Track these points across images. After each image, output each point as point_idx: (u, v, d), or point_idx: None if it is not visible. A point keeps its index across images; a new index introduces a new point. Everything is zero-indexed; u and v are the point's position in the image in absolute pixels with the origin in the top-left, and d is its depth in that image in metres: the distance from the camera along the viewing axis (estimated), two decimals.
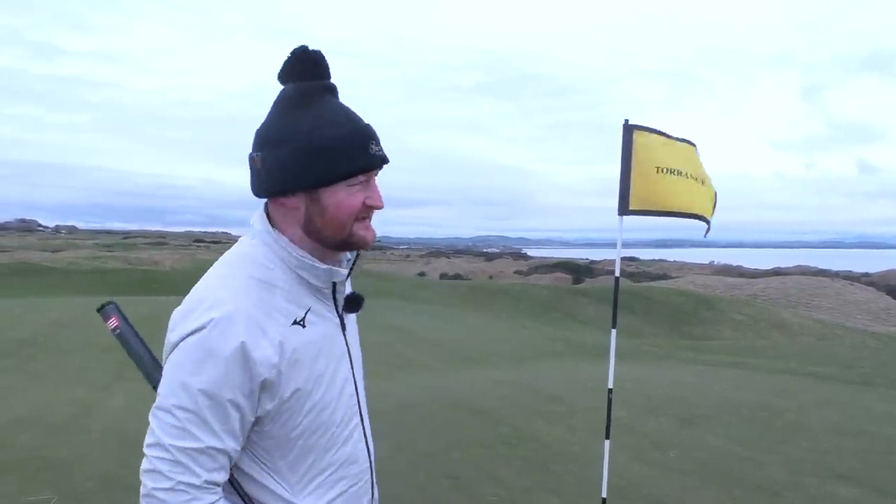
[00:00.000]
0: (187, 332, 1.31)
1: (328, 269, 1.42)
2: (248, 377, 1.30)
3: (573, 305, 27.15)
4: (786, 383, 10.00)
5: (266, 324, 1.34)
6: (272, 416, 1.37)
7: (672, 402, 8.48)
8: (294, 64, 1.42)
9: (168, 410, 1.29)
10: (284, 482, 1.42)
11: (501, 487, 5.38)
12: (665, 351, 16.66)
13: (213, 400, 1.29)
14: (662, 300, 28.74)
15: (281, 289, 1.39)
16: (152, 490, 1.28)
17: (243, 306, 1.32)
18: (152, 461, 1.29)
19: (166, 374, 1.32)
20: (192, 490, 1.28)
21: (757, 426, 7.27)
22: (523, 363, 13.24)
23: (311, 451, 1.43)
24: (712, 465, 5.99)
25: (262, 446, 1.40)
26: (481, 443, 6.60)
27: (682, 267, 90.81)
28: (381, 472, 5.79)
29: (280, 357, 1.34)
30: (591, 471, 5.77)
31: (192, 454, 1.28)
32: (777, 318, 26.83)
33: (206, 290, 1.37)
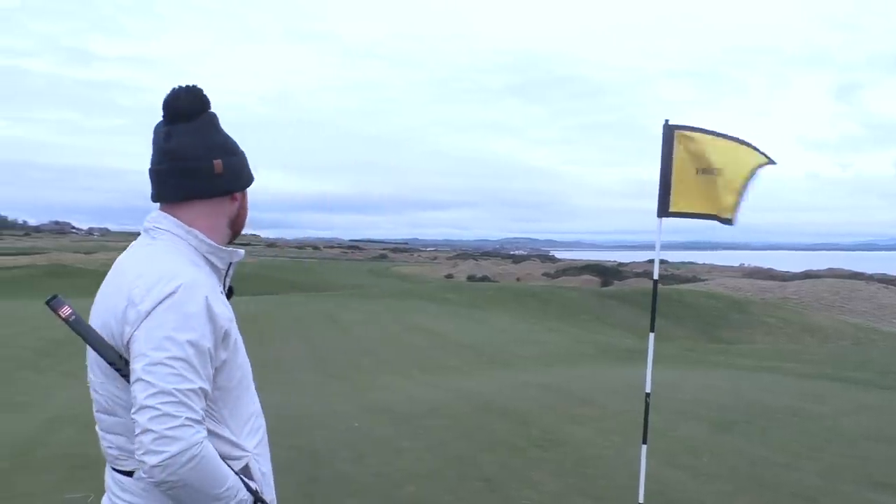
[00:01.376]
0: (161, 297, 1.55)
1: (230, 251, 1.78)
2: (213, 329, 1.59)
3: (602, 308, 26.96)
4: (820, 388, 9.85)
5: (214, 288, 1.67)
6: (222, 366, 1.64)
7: (704, 406, 8.40)
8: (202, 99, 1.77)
9: (162, 363, 1.50)
10: (228, 428, 1.67)
11: (534, 491, 5.36)
12: (696, 354, 16.51)
13: (196, 348, 1.54)
14: (692, 303, 28.42)
15: (203, 269, 1.70)
16: (164, 431, 1.46)
17: (196, 274, 1.64)
18: (159, 407, 1.47)
19: (150, 336, 1.53)
20: (194, 424, 1.50)
21: (791, 431, 7.17)
22: (552, 366, 13.21)
23: (241, 400, 1.72)
24: (746, 470, 5.92)
25: (212, 398, 1.62)
26: (513, 446, 6.59)
27: (712, 269, 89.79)
28: (411, 474, 5.85)
29: (229, 312, 1.68)
30: (624, 475, 5.74)
31: (190, 394, 1.51)
32: (810, 321, 26.41)
33: (160, 268, 1.61)
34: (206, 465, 1.52)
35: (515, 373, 11.89)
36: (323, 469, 5.77)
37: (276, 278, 55.19)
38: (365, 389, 10.23)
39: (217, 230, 1.78)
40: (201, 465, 1.50)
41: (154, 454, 1.46)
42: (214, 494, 1.55)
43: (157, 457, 1.46)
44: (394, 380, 11.24)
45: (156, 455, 1.46)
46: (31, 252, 68.98)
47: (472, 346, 15.66)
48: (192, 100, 1.75)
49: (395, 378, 11.47)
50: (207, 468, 1.52)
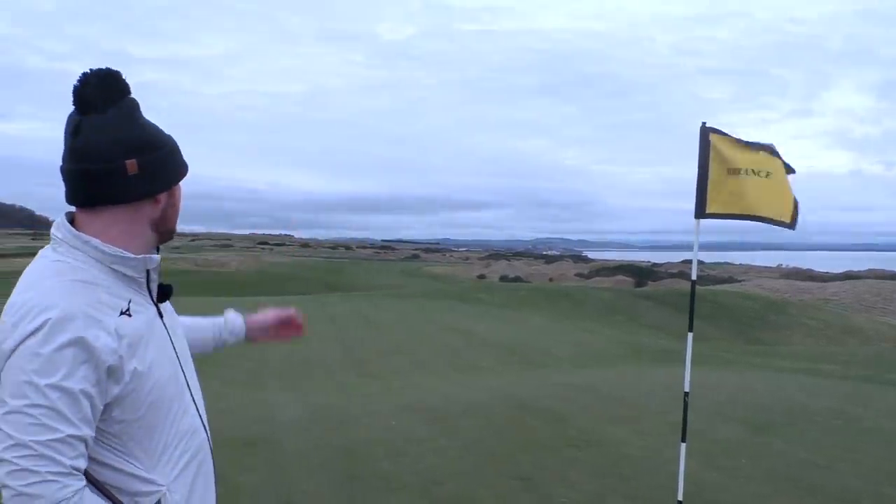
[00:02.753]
0: (24, 335, 1.37)
1: (142, 258, 1.55)
2: (93, 367, 1.38)
3: (636, 309, 26.78)
4: (862, 390, 9.71)
5: (98, 316, 1.43)
6: (118, 400, 1.45)
7: (743, 407, 8.34)
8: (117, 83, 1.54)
9: (20, 412, 1.34)
10: (137, 461, 1.50)
11: (572, 490, 5.40)
12: (733, 356, 16.34)
13: (62, 392, 1.35)
14: (729, 304, 28.10)
15: (101, 286, 1.48)
16: (23, 488, 1.32)
17: (75, 303, 1.41)
18: (16, 462, 1.32)
19: (10, 380, 1.36)
20: (60, 478, 1.34)
21: (832, 434, 7.10)
22: (586, 366, 13.18)
23: (155, 428, 1.52)
24: (785, 472, 5.89)
25: (111, 432, 1.47)
26: (549, 445, 6.62)
27: (749, 270, 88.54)
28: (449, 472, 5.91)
29: (118, 343, 1.43)
30: (661, 475, 5.75)
31: (54, 445, 1.34)
32: (850, 323, 25.94)
33: (32, 298, 1.42)
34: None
35: (550, 373, 11.90)
36: (362, 467, 5.87)
37: (309, 278, 55.71)
38: (400, 388, 10.33)
39: (135, 236, 1.57)
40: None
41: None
42: None
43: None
44: (428, 379, 11.32)
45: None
46: None
47: (506, 346, 15.68)
48: (104, 87, 1.52)
49: (429, 377, 11.56)
50: None
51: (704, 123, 3.58)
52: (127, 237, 1.55)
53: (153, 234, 1.62)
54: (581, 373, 11.90)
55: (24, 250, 69.91)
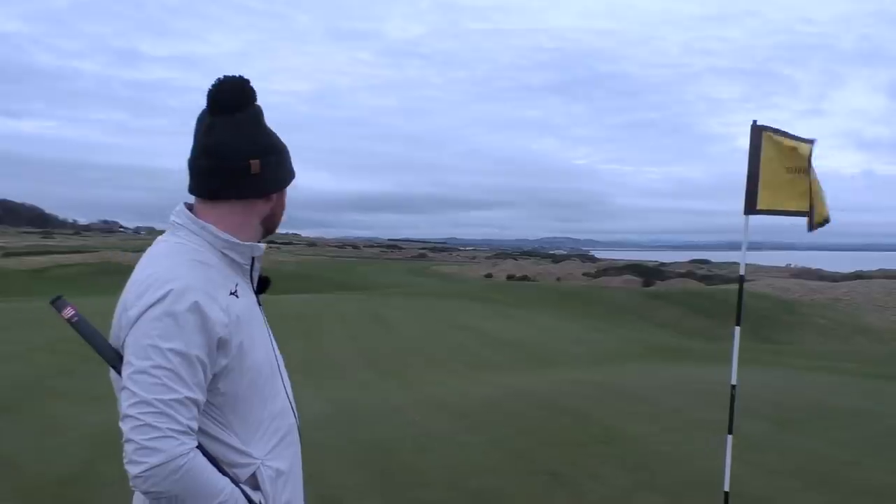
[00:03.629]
0: (149, 304, 1.51)
1: (250, 245, 1.69)
2: (206, 336, 1.52)
3: (646, 308, 26.79)
4: (881, 388, 9.72)
5: (212, 292, 1.57)
6: (224, 372, 1.57)
7: (765, 404, 8.34)
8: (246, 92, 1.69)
9: (145, 372, 1.47)
10: (235, 434, 1.61)
11: (602, 485, 5.43)
12: (748, 354, 16.26)
13: (182, 357, 1.48)
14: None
15: (214, 267, 1.63)
16: (144, 442, 1.43)
17: (193, 278, 1.56)
18: (140, 417, 1.44)
19: (136, 344, 1.50)
20: (178, 435, 1.45)
21: (855, 430, 7.11)
22: (602, 365, 13.20)
23: (253, 404, 1.65)
24: (812, 468, 5.90)
25: (215, 404, 1.58)
26: (574, 441, 6.65)
27: (758, 269, 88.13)
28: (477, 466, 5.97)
29: (228, 318, 1.57)
30: (689, 470, 5.79)
31: (174, 405, 1.46)
32: (863, 322, 25.90)
33: (154, 271, 1.57)
34: (194, 477, 1.48)
35: (565, 371, 11.93)
36: (391, 462, 5.91)
37: (317, 277, 55.86)
38: (418, 386, 10.37)
39: (246, 228, 1.71)
40: (187, 478, 1.47)
41: (135, 464, 1.44)
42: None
43: (138, 467, 1.44)
44: (444, 377, 11.37)
45: (137, 465, 1.44)
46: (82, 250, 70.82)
47: (520, 344, 15.72)
48: (235, 92, 1.67)
49: (445, 375, 11.60)
50: (195, 481, 1.48)
51: (755, 121, 3.63)
52: (238, 229, 1.70)
53: (261, 227, 1.78)
54: (597, 371, 11.93)
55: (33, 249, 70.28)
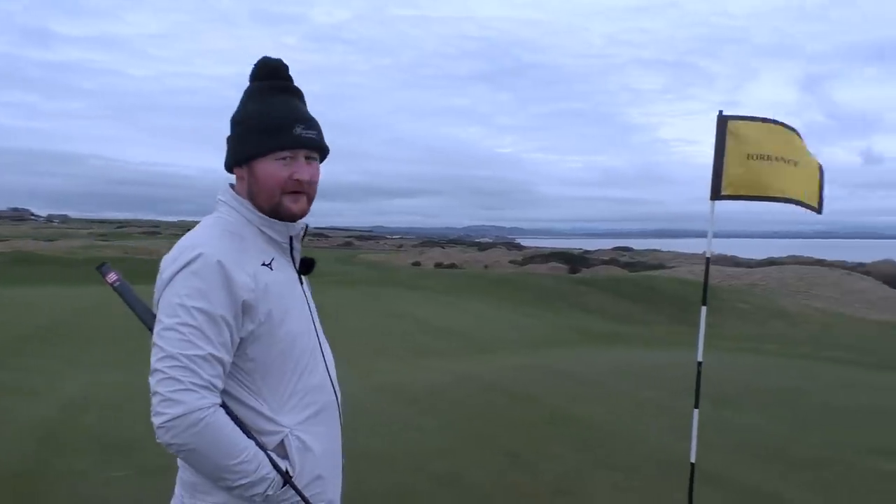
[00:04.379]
0: (179, 267, 1.60)
1: (286, 224, 1.74)
2: (231, 298, 1.59)
3: (575, 294, 27.35)
4: (805, 367, 10.27)
5: (241, 260, 1.64)
6: (253, 338, 1.63)
7: (702, 384, 8.69)
8: (259, 69, 1.78)
9: (172, 328, 1.55)
10: (265, 402, 1.66)
11: (559, 464, 5.59)
12: (676, 337, 16.91)
13: (207, 316, 1.56)
14: (665, 289, 28.99)
15: (248, 240, 1.70)
16: (169, 394, 1.52)
17: (222, 246, 1.64)
18: (165, 371, 1.53)
19: (166, 302, 1.59)
20: (200, 389, 1.54)
21: (787, 407, 7.52)
22: (539, 349, 13.46)
23: (286, 374, 1.69)
24: (753, 442, 6.22)
25: (245, 369, 1.65)
26: (526, 423, 6.81)
27: (677, 256, 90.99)
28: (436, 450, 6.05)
29: (255, 284, 1.63)
30: (642, 448, 6.01)
31: (197, 360, 1.54)
32: (778, 306, 27.16)
33: (189, 239, 1.68)
34: (214, 432, 1.53)
35: (505, 356, 12.11)
36: (352, 448, 5.90)
37: None
38: (366, 372, 10.35)
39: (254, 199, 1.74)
40: (207, 432, 1.52)
41: (158, 415, 1.52)
42: (226, 465, 1.55)
43: (160, 418, 1.52)
44: (391, 364, 11.38)
45: (159, 416, 1.52)
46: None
47: (458, 331, 15.85)
48: (253, 73, 1.79)
49: (391, 361, 11.61)
50: (215, 436, 1.53)
51: (721, 112, 3.81)
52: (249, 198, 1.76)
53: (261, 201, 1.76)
54: (535, 355, 12.16)
55: None
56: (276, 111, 1.73)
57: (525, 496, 4.97)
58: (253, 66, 1.79)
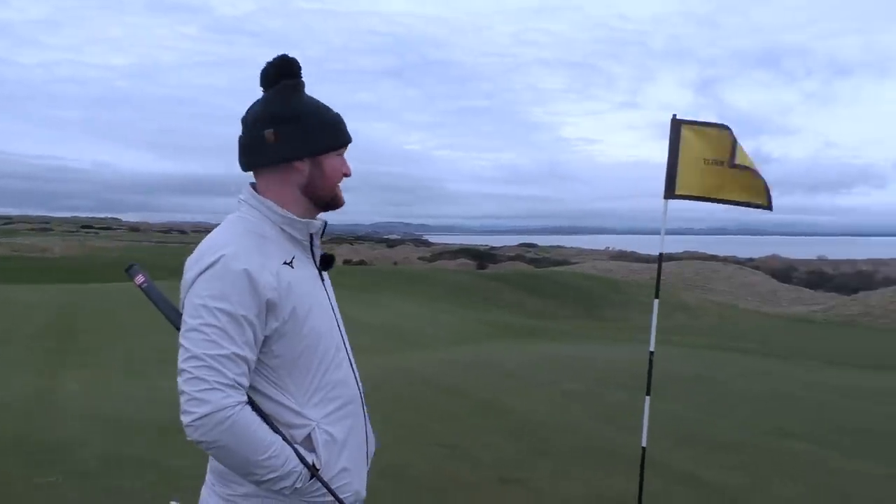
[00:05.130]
0: (202, 269, 1.62)
1: (306, 222, 1.77)
2: (255, 298, 1.62)
3: (489, 290, 27.88)
4: (714, 357, 10.92)
5: (264, 259, 1.67)
6: (278, 335, 1.67)
7: (619, 374, 9.14)
8: (282, 67, 1.78)
9: (196, 329, 1.59)
10: (291, 396, 1.70)
11: (497, 454, 5.79)
12: (586, 331, 17.56)
13: (230, 316, 1.59)
14: (572, 284, 29.97)
15: (270, 239, 1.72)
16: (195, 393, 1.56)
17: (245, 246, 1.66)
18: (191, 371, 1.57)
19: (190, 303, 1.62)
20: (225, 388, 1.57)
21: (702, 394, 8.01)
22: (461, 344, 13.70)
23: (311, 369, 1.72)
24: (675, 428, 6.61)
25: (271, 366, 1.69)
26: (460, 416, 6.99)
27: (580, 252, 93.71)
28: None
29: (278, 283, 1.66)
30: (571, 436, 6.30)
31: (221, 359, 1.57)
32: (680, 300, 28.50)
33: (212, 240, 1.69)
34: (242, 429, 1.57)
35: (430, 351, 12.29)
36: None
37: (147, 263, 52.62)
38: None
39: (287, 199, 1.77)
40: (234, 429, 1.56)
41: (186, 414, 1.57)
42: (255, 461, 1.60)
43: (189, 417, 1.56)
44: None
45: (188, 415, 1.56)
46: None
47: (380, 327, 15.90)
48: (272, 69, 1.77)
49: None
50: (243, 433, 1.58)
51: (675, 115, 4.07)
52: (283, 201, 1.77)
53: (306, 199, 1.81)
54: (459, 350, 12.39)
55: None
56: (328, 108, 1.83)
57: (468, 486, 5.13)
58: (282, 63, 1.78)
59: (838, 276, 51.27)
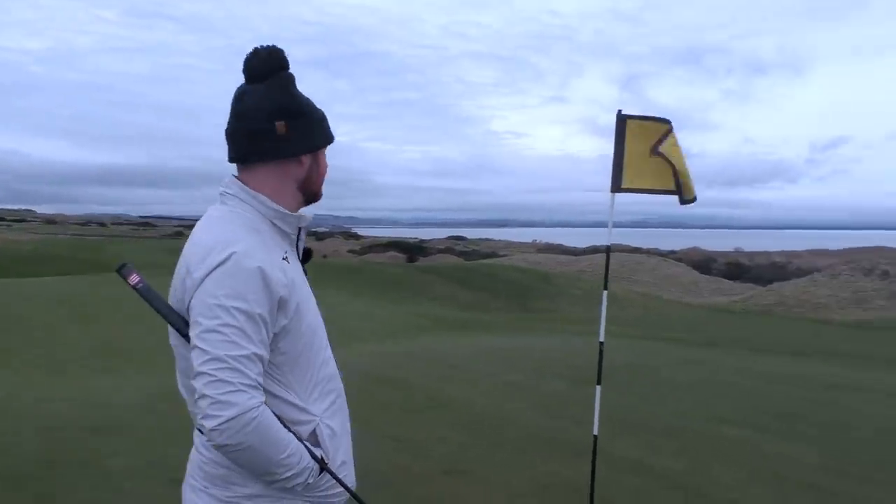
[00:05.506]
0: (213, 266, 1.57)
1: (297, 216, 1.77)
2: (268, 295, 1.59)
3: (422, 283, 27.91)
4: (647, 346, 11.21)
5: (269, 256, 1.65)
6: (284, 332, 1.65)
7: (557, 365, 9.29)
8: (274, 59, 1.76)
9: (214, 330, 1.54)
10: (295, 393, 1.70)
11: (444, 445, 5.80)
12: (520, 323, 17.77)
13: (247, 315, 1.55)
14: (504, 276, 30.28)
15: (267, 235, 1.71)
16: (219, 396, 1.51)
17: (252, 242, 1.64)
18: (213, 373, 1.52)
19: (202, 304, 1.56)
20: (249, 389, 1.53)
21: (640, 383, 8.21)
22: (398, 337, 13.68)
23: (310, 365, 1.73)
24: (616, 417, 6.73)
25: (276, 363, 1.66)
26: (405, 408, 6.97)
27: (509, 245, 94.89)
28: None
29: (286, 279, 1.65)
30: (515, 427, 6.37)
31: (243, 360, 1.53)
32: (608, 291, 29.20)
33: (216, 236, 1.64)
34: (265, 429, 1.55)
35: (370, 344, 12.22)
36: None
37: (64, 258, 50.59)
38: None
39: (284, 193, 1.76)
40: (259, 430, 1.54)
41: (211, 418, 1.51)
42: (276, 460, 1.59)
43: (214, 421, 1.51)
44: None
45: (213, 419, 1.51)
46: None
47: None
48: (266, 60, 1.73)
49: None
50: (266, 433, 1.55)
51: (620, 111, 4.15)
52: (277, 194, 1.75)
53: (299, 194, 1.82)
54: (397, 343, 12.37)
55: None
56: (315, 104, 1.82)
57: (418, 477, 5.12)
58: (274, 55, 1.75)
59: (755, 267, 53.51)
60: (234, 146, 1.75)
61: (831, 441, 6.11)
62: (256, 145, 1.73)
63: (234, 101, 1.75)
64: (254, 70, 1.74)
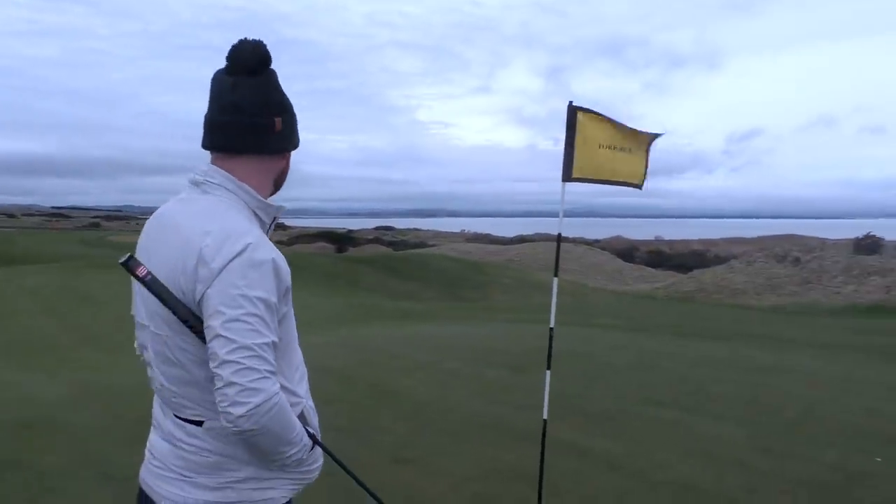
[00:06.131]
0: (230, 256, 1.60)
1: (276, 206, 1.83)
2: (279, 285, 1.65)
3: (354, 273, 27.78)
4: (580, 333, 11.48)
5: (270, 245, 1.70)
6: (283, 319, 1.71)
7: (494, 353, 9.43)
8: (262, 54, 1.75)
9: (239, 319, 1.57)
10: (284, 377, 1.74)
11: (389, 434, 5.85)
12: (452, 312, 17.91)
13: (266, 304, 1.61)
14: (436, 266, 30.41)
15: (254, 223, 1.74)
16: (247, 384, 1.56)
17: (257, 232, 1.69)
18: (241, 361, 1.56)
19: (223, 293, 1.58)
20: (272, 375, 1.61)
21: (576, 369, 8.42)
22: (334, 328, 13.60)
23: (294, 351, 1.82)
24: (555, 402, 6.86)
25: None
26: (347, 399, 6.97)
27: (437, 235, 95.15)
28: None
29: (287, 267, 1.71)
30: (457, 414, 6.47)
31: (266, 348, 1.60)
32: (535, 280, 29.66)
33: (227, 226, 1.65)
34: (282, 413, 1.63)
35: (309, 335, 12.06)
36: None
37: None
38: None
39: (264, 186, 1.81)
40: (280, 414, 1.61)
41: (240, 405, 1.55)
42: (288, 439, 1.67)
43: (243, 408, 1.55)
44: None
45: (241, 406, 1.55)
46: None
47: None
48: (257, 54, 1.74)
49: None
50: (283, 416, 1.63)
51: (571, 102, 4.24)
52: (260, 187, 1.80)
53: (272, 187, 1.88)
54: (333, 333, 12.29)
55: None
56: None
57: (365, 466, 5.13)
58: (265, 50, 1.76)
59: (675, 255, 55.25)
60: (225, 137, 1.75)
61: (758, 421, 6.43)
62: (254, 139, 1.76)
63: (223, 91, 1.74)
64: (247, 62, 1.74)
